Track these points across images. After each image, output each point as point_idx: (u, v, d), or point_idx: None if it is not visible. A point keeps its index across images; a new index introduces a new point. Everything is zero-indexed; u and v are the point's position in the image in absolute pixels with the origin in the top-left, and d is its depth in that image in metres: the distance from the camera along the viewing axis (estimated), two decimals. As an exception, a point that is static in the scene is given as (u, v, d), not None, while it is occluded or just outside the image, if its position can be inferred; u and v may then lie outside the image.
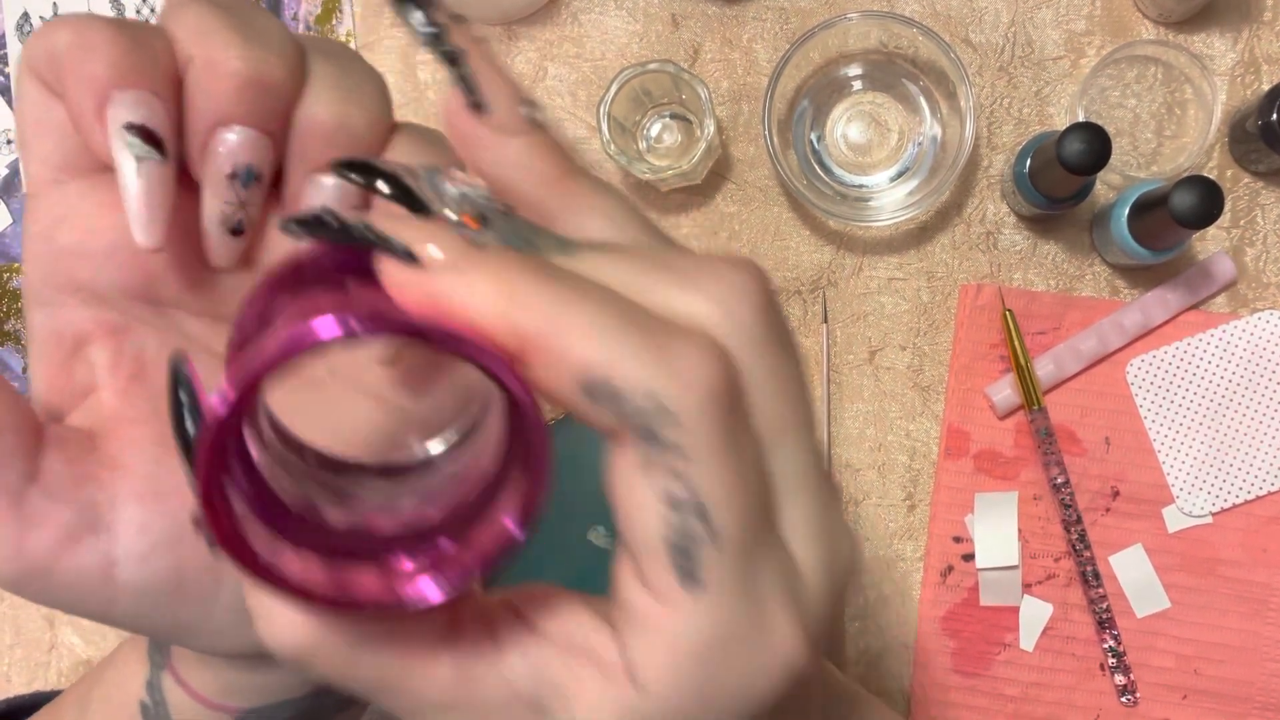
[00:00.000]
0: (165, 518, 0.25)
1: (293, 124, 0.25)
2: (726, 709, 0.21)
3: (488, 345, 0.18)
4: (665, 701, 0.20)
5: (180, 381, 0.20)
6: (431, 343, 0.18)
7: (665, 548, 0.20)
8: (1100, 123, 0.59)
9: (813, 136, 0.61)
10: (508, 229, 0.20)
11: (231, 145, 0.24)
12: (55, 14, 0.62)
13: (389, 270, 0.19)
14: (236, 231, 0.25)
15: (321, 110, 0.25)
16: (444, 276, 0.19)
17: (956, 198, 0.60)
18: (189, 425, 0.20)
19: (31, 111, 0.25)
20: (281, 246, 0.27)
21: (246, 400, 0.18)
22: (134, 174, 0.23)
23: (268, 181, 0.25)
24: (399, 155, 0.26)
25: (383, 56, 0.62)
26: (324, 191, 0.25)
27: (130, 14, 0.62)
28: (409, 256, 0.19)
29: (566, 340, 0.18)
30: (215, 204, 0.25)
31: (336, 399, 0.27)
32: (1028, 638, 0.58)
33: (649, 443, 0.19)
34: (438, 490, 0.22)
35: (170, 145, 0.24)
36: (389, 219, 0.19)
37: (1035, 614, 0.58)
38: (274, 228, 0.27)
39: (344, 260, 0.20)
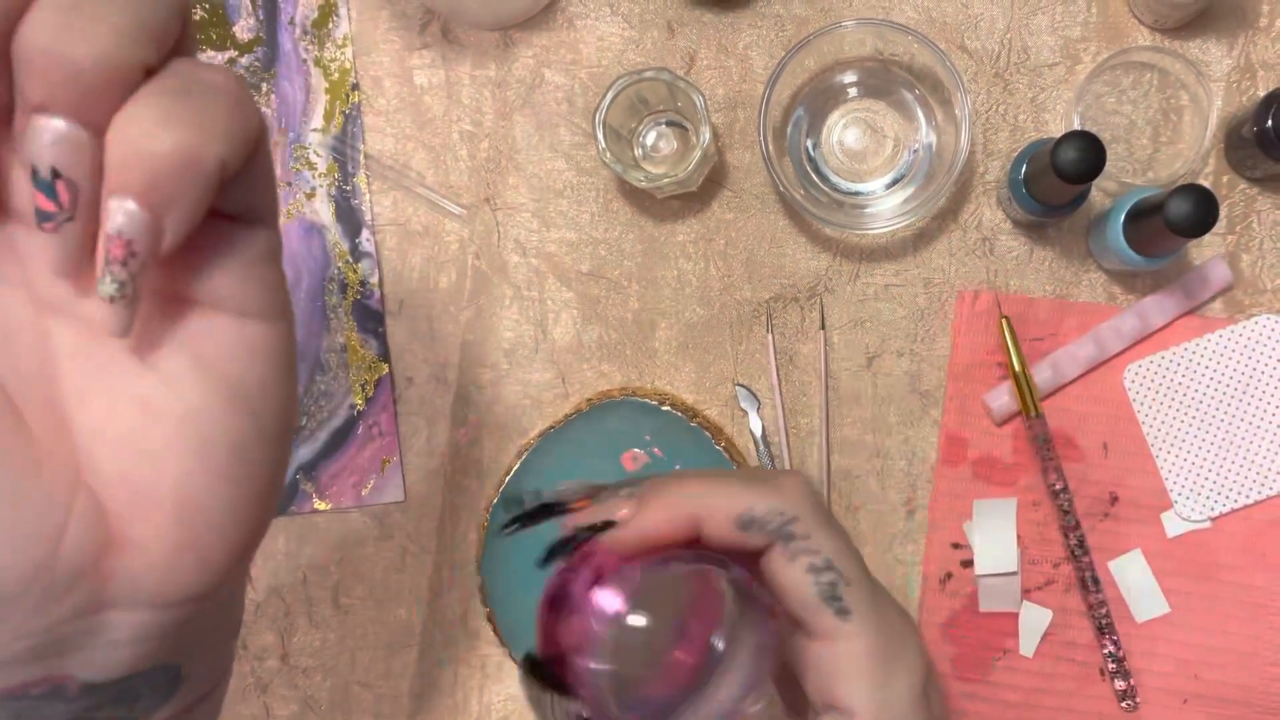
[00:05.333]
0: None
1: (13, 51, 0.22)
2: (899, 710, 0.31)
3: (682, 540, 0.31)
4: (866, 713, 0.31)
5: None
6: (650, 561, 0.31)
7: (821, 600, 0.31)
8: (1096, 129, 0.59)
9: (808, 144, 0.61)
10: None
11: None
12: None
13: (608, 541, 0.31)
14: None
15: (34, 35, 0.22)
16: (636, 523, 0.31)
17: (952, 204, 0.60)
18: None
19: None
20: (20, 186, 0.25)
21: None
22: None
23: None
24: (139, 110, 0.23)
25: (379, 60, 0.62)
26: (40, 135, 0.23)
27: None
28: (610, 525, 0.31)
29: (718, 504, 0.31)
30: None
31: None
32: (1028, 643, 0.58)
33: (787, 540, 0.31)
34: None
35: None
36: (582, 516, 0.31)
37: (1035, 620, 0.58)
38: (16, 168, 0.25)
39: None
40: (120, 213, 0.23)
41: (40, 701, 0.27)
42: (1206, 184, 0.57)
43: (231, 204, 0.26)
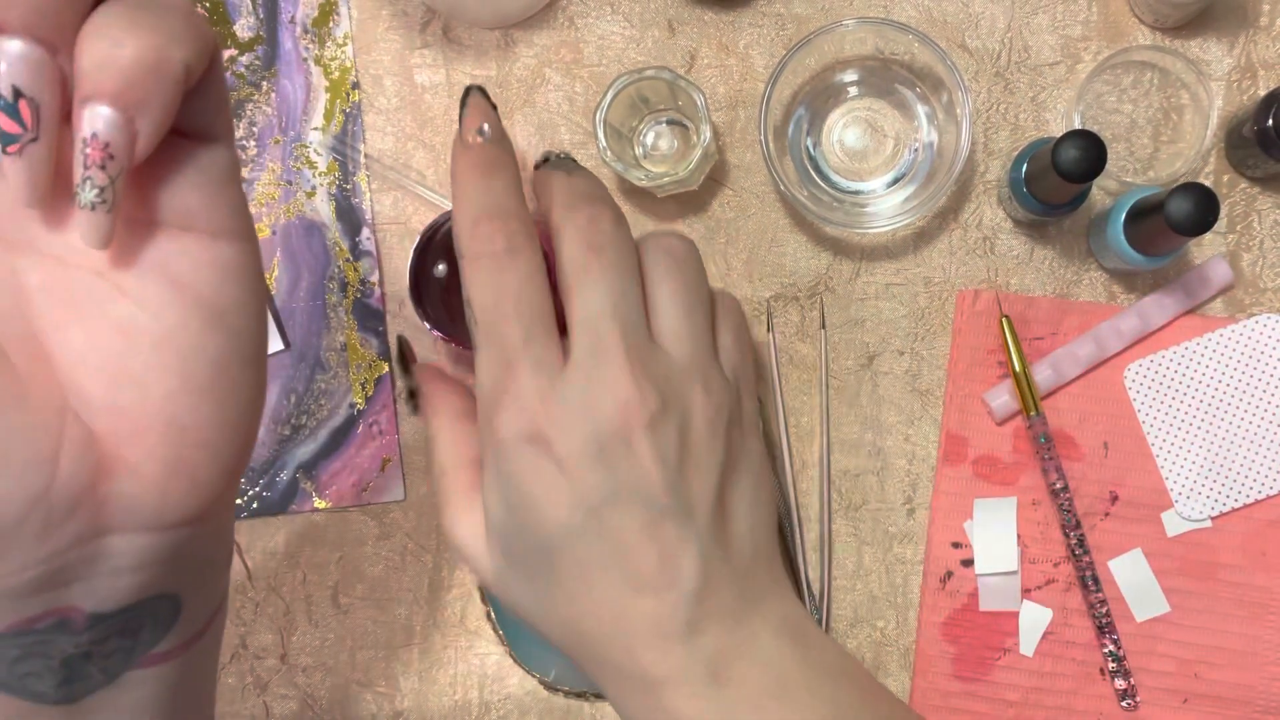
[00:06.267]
0: None
1: None
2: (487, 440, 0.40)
3: None
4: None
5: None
6: None
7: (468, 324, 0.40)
8: (1096, 128, 0.59)
9: (809, 142, 0.61)
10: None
11: None
12: None
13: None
14: None
15: None
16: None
17: (953, 203, 0.60)
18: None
19: None
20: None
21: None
22: None
23: None
24: (102, 20, 0.24)
25: (379, 59, 0.62)
26: None
27: None
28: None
29: (456, 206, 0.41)
30: None
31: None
32: (1028, 643, 0.58)
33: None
34: None
35: None
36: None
37: (1035, 619, 0.58)
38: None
39: None
40: (95, 117, 0.24)
41: (48, 635, 0.28)
42: (1207, 183, 0.57)
43: (191, 120, 0.27)
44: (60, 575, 0.27)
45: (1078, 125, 0.59)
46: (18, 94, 0.24)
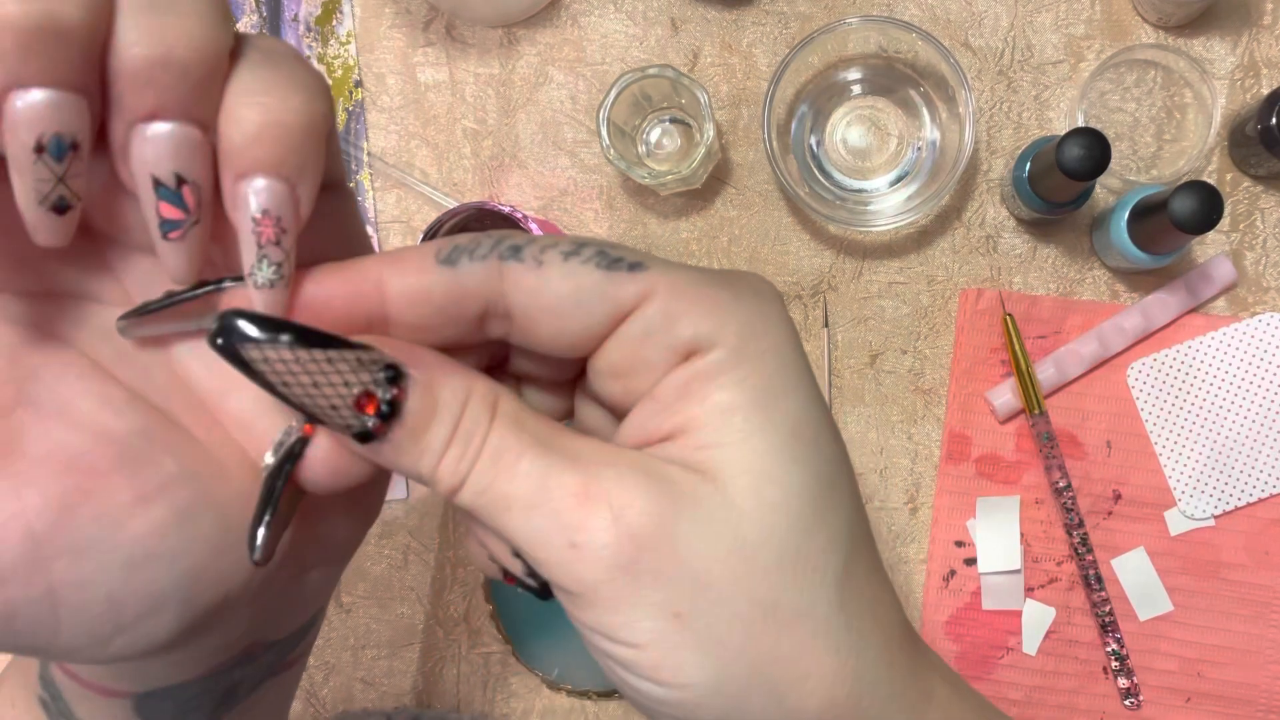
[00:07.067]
0: None
1: (106, 66, 0.21)
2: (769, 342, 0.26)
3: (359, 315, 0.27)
4: None
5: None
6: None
7: (601, 269, 0.24)
8: (1100, 126, 0.59)
9: (812, 141, 0.61)
10: None
11: (30, 113, 0.20)
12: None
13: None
14: (60, 209, 0.22)
15: (132, 45, 0.21)
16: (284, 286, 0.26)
17: (956, 202, 0.60)
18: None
19: None
20: (122, 207, 0.24)
21: None
22: None
23: (89, 145, 0.22)
24: (244, 87, 0.23)
25: (382, 57, 0.62)
26: (157, 144, 0.22)
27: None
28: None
29: (410, 255, 0.25)
30: (26, 183, 0.21)
31: None
32: (1030, 641, 0.58)
33: (515, 252, 0.24)
34: None
35: None
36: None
37: (1038, 618, 0.58)
38: (117, 190, 0.24)
39: None
40: (260, 192, 0.23)
41: (230, 671, 0.29)
42: (1210, 181, 0.57)
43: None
44: (263, 619, 0.28)
45: (1081, 123, 0.59)
46: (180, 180, 0.23)
